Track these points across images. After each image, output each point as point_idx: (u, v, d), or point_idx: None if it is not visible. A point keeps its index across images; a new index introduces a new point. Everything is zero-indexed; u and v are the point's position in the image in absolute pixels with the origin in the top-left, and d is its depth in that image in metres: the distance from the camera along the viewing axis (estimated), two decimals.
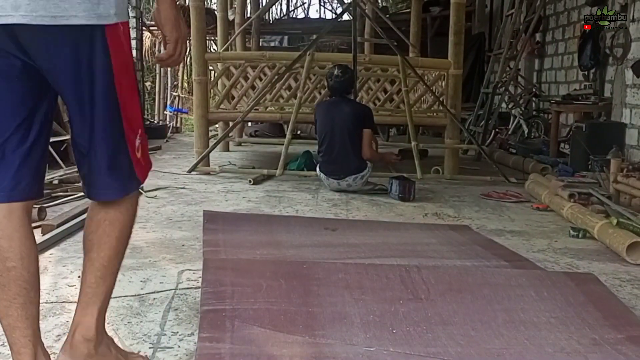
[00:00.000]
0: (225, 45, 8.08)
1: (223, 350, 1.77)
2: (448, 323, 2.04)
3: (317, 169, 4.90)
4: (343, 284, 2.26)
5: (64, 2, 1.35)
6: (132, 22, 10.19)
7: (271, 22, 12.33)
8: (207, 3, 12.34)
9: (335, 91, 4.85)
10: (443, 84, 6.02)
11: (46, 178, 4.22)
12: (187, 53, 2.00)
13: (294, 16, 14.82)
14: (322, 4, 16.14)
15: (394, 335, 1.93)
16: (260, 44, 10.18)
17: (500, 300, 2.22)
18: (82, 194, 4.16)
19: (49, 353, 1.80)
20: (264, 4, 10.94)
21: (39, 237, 3.03)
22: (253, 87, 6.20)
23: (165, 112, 11.33)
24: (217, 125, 8.11)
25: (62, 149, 5.14)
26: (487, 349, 1.88)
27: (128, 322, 2.07)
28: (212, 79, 6.23)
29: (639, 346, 1.91)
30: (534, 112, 8.38)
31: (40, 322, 2.01)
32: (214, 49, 10.92)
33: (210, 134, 6.28)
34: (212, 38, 10.35)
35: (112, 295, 2.28)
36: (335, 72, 4.79)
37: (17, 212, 1.48)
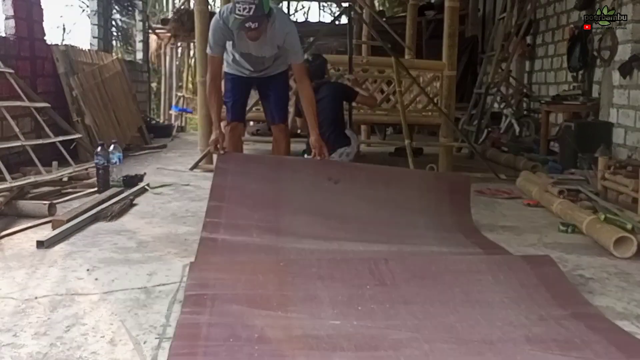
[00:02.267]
0: None
1: (202, 320, 1.90)
2: (410, 302, 2.14)
3: (306, 151, 4.79)
4: (316, 276, 2.33)
5: (273, 68, 3.80)
6: (139, 26, 10.17)
7: None
8: (211, 7, 12.31)
9: (315, 76, 4.88)
10: (438, 84, 6.01)
11: (56, 175, 4.23)
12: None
13: (294, 20, 14.76)
14: (321, 8, 16.10)
15: (358, 312, 2.04)
16: None
17: (460, 285, 2.31)
18: (90, 190, 4.17)
19: (59, 343, 1.81)
20: None
21: (48, 232, 3.04)
22: None
23: (170, 112, 11.29)
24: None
25: (71, 147, 5.12)
26: (442, 322, 2.00)
27: (135, 314, 2.07)
28: None
29: (580, 321, 2.05)
30: (525, 112, 8.37)
31: (50, 313, 2.03)
32: None
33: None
34: None
35: (119, 288, 2.31)
36: (307, 58, 4.86)
37: (238, 125, 3.88)
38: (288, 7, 14.70)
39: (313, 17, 16.45)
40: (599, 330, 2.00)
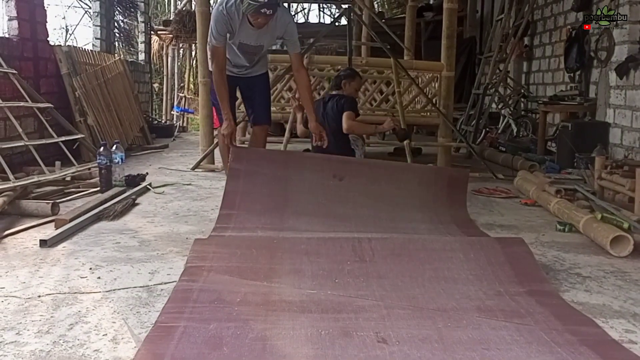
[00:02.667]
0: None
1: (194, 287, 2.17)
2: (382, 277, 2.35)
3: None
4: (303, 252, 2.55)
5: (257, 68, 3.85)
6: (142, 27, 10.16)
7: None
8: (212, 8, 12.30)
9: (332, 83, 4.86)
10: (436, 85, 6.00)
11: (59, 175, 4.22)
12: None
13: (295, 21, 14.75)
14: (321, 9, 16.10)
15: (335, 284, 2.27)
16: None
17: (432, 262, 2.48)
18: (93, 189, 4.17)
19: (62, 341, 1.81)
20: None
21: (51, 231, 3.04)
22: None
23: (172, 112, 11.30)
24: None
25: (74, 147, 5.12)
26: (407, 294, 2.20)
27: (137, 312, 2.07)
28: None
29: (532, 297, 2.21)
30: (523, 112, 8.36)
31: (53, 312, 2.03)
32: None
33: (215, 133, 6.26)
34: None
35: (122, 286, 2.31)
36: (341, 69, 4.88)
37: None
38: (289, 8, 14.71)
39: (313, 19, 16.43)
40: (547, 304, 2.15)
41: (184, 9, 11.16)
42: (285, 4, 13.16)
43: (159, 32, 11.27)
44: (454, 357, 1.70)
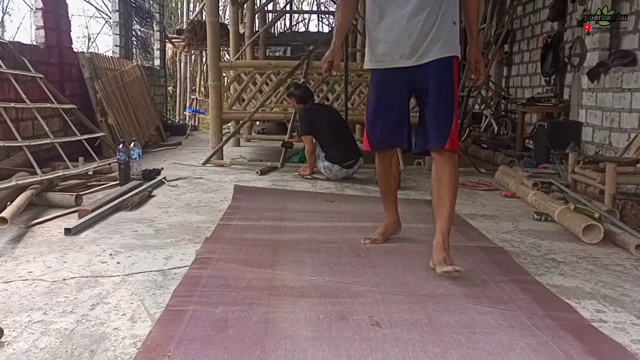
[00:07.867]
0: (237, 55, 8.04)
1: (203, 274, 2.19)
2: (377, 267, 2.38)
3: (329, 164, 4.67)
4: (304, 249, 2.61)
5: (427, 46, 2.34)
6: (157, 35, 10.12)
7: (276, 35, 12.22)
8: (221, 18, 12.24)
9: (307, 98, 4.91)
10: None
11: (82, 169, 4.21)
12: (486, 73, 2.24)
13: (296, 30, 14.69)
14: (320, 19, 16.03)
15: (333, 271, 2.29)
16: (267, 54, 10.12)
17: (422, 258, 2.50)
18: (113, 183, 4.15)
19: (85, 320, 1.80)
20: (270, 19, 10.87)
21: (75, 220, 3.02)
22: (260, 91, 6.16)
23: (184, 113, 11.28)
24: (229, 124, 8.07)
25: (95, 144, 5.10)
26: (399, 280, 2.21)
27: (153, 294, 2.06)
28: (226, 84, 6.19)
29: (515, 284, 2.22)
30: (503, 113, 8.36)
31: (76, 294, 2.02)
32: (227, 58, 10.86)
33: (224, 131, 6.25)
34: (226, 49, 10.28)
35: (139, 270, 2.30)
36: (300, 84, 5.07)
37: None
38: (290, 18, 14.65)
39: (312, 28, 16.38)
40: (529, 291, 2.15)
41: (195, 19, 11.11)
42: (287, 15, 13.09)
43: (172, 40, 11.22)
44: (442, 340, 1.69)
